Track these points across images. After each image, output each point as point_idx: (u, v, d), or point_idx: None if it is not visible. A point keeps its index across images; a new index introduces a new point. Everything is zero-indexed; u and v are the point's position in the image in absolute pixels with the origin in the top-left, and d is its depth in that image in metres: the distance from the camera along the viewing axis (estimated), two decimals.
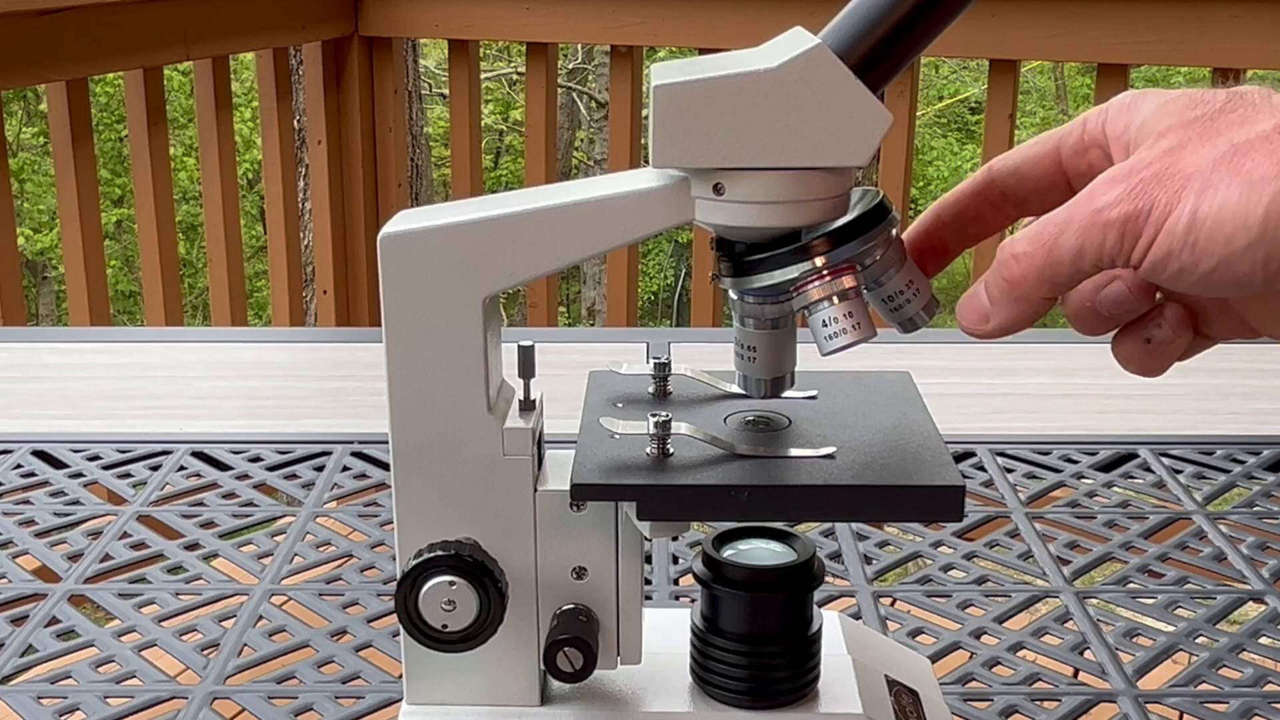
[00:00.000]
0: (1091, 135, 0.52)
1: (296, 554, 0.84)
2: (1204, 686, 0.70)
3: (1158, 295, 0.51)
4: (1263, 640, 0.74)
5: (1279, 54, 2.03)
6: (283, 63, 2.54)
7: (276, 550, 0.85)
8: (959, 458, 0.98)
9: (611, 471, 0.52)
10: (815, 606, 0.57)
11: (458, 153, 2.67)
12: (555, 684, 0.57)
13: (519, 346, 0.56)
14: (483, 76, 5.74)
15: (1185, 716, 0.68)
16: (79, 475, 0.96)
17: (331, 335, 1.69)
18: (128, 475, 0.96)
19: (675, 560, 0.84)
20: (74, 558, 0.84)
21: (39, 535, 0.87)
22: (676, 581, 0.82)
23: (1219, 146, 0.44)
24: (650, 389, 0.60)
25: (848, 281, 0.50)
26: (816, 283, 0.50)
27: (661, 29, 2.44)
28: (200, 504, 0.92)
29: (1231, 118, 0.45)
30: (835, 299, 0.50)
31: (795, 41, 0.48)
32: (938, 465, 0.52)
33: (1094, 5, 2.12)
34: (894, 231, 0.52)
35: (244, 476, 0.96)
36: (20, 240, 4.40)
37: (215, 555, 0.85)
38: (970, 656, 0.73)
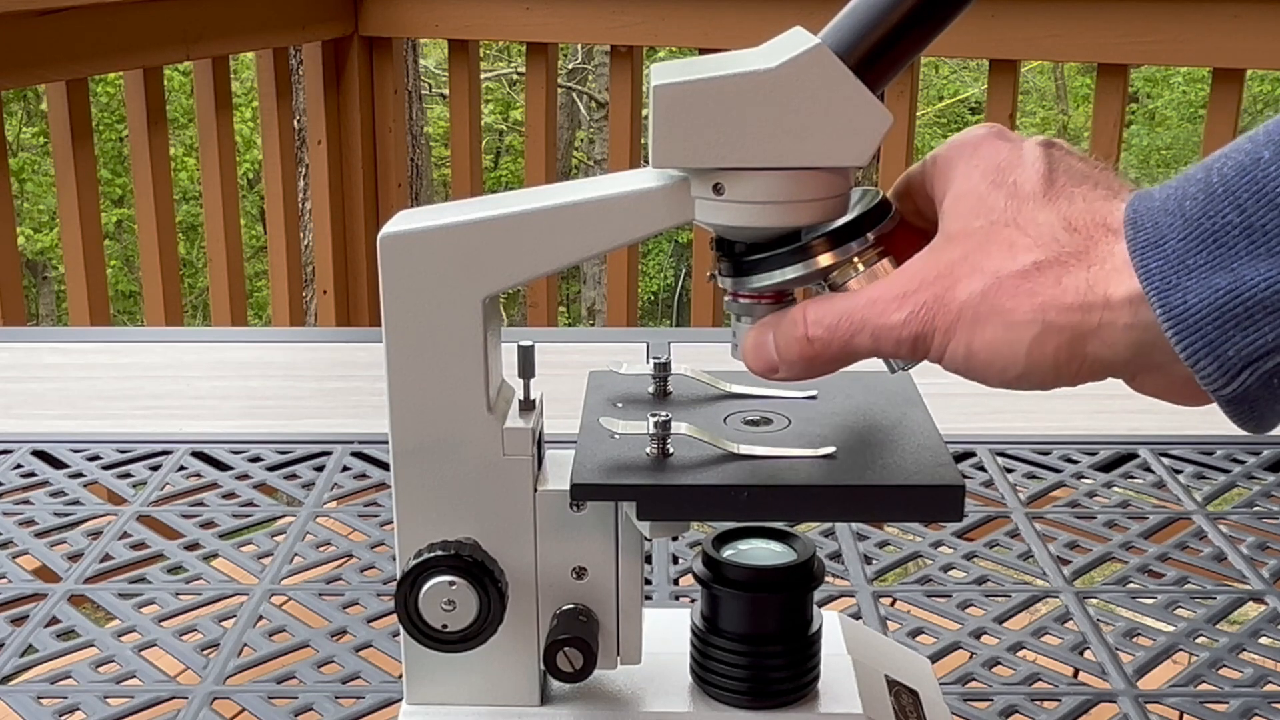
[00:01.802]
0: (916, 184, 0.53)
1: (296, 554, 0.84)
2: (1204, 686, 0.70)
3: None
4: (1263, 640, 0.74)
5: (1279, 54, 2.03)
6: (283, 63, 2.54)
7: (276, 550, 0.85)
8: (959, 458, 0.98)
9: (611, 471, 0.52)
10: (815, 606, 0.57)
11: (458, 153, 2.67)
12: (555, 684, 0.57)
13: (519, 346, 0.56)
14: (483, 76, 5.74)
15: (1185, 716, 0.68)
16: (79, 475, 0.96)
17: (331, 335, 1.69)
18: (128, 475, 0.96)
19: (675, 560, 0.84)
20: (74, 558, 0.84)
21: (39, 535, 0.87)
22: (676, 581, 0.82)
23: (985, 279, 0.46)
24: (650, 389, 0.60)
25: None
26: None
27: (661, 29, 2.43)
28: (200, 504, 0.92)
29: (1004, 235, 0.47)
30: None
31: (795, 41, 0.48)
32: (938, 465, 0.52)
33: (1094, 5, 2.12)
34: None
35: (244, 476, 0.96)
36: (20, 240, 4.40)
37: (215, 555, 0.85)
38: (970, 656, 0.73)
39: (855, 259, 0.51)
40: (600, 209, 0.51)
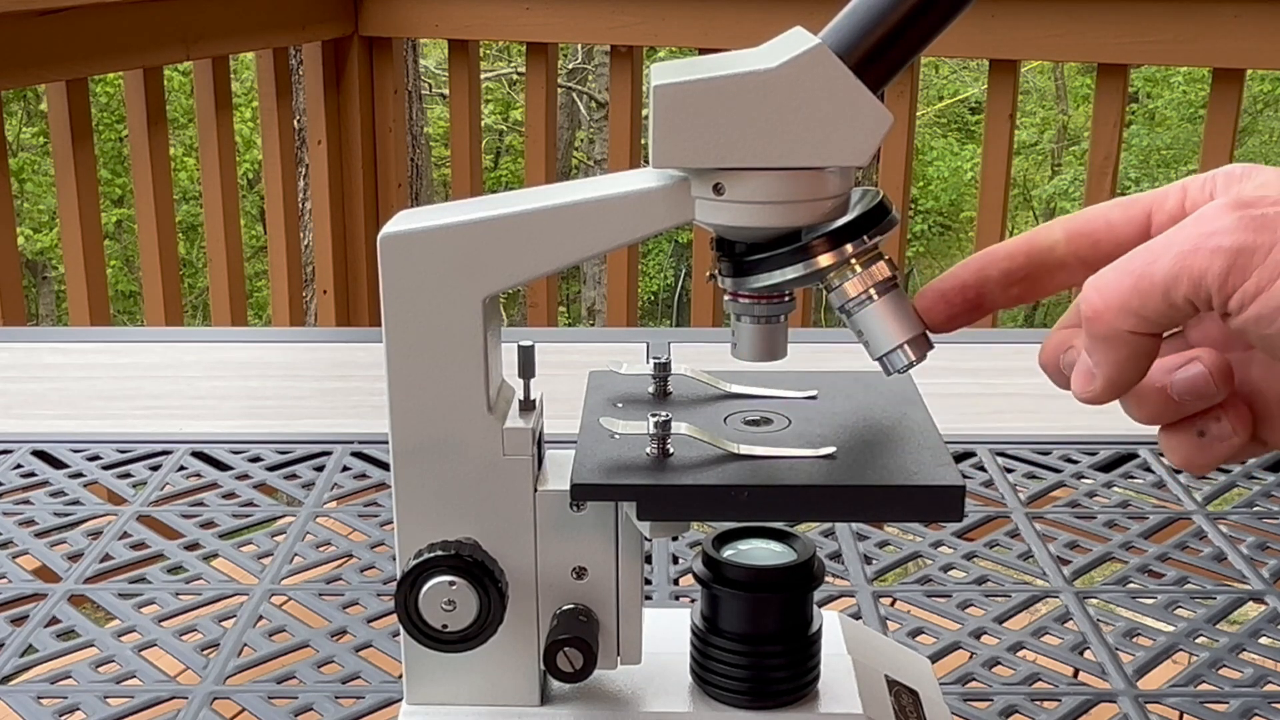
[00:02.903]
0: (1195, 203, 0.49)
1: (296, 554, 0.84)
2: (1204, 686, 0.70)
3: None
4: (1263, 640, 0.74)
5: (1279, 54, 2.03)
6: (283, 63, 2.54)
7: (276, 550, 0.85)
8: (959, 458, 0.98)
9: (611, 471, 0.52)
10: (815, 606, 0.57)
11: (458, 153, 2.67)
12: (555, 684, 0.57)
13: (519, 346, 0.56)
14: (483, 76, 5.74)
15: (1185, 716, 0.68)
16: (79, 475, 0.96)
17: (331, 335, 1.69)
18: (128, 475, 0.96)
19: (675, 560, 0.84)
20: (74, 558, 0.84)
21: (39, 535, 0.87)
22: (676, 581, 0.82)
23: None
24: (650, 389, 0.60)
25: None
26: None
27: (661, 29, 2.44)
28: (200, 504, 0.92)
29: None
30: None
31: (795, 41, 0.48)
32: (938, 465, 0.52)
33: (1094, 5, 2.12)
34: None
35: (244, 476, 0.96)
36: (20, 240, 4.40)
37: (215, 555, 0.85)
38: (970, 656, 0.73)
39: (854, 260, 0.51)
40: (600, 209, 0.51)
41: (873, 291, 0.51)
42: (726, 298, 0.53)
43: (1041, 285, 0.51)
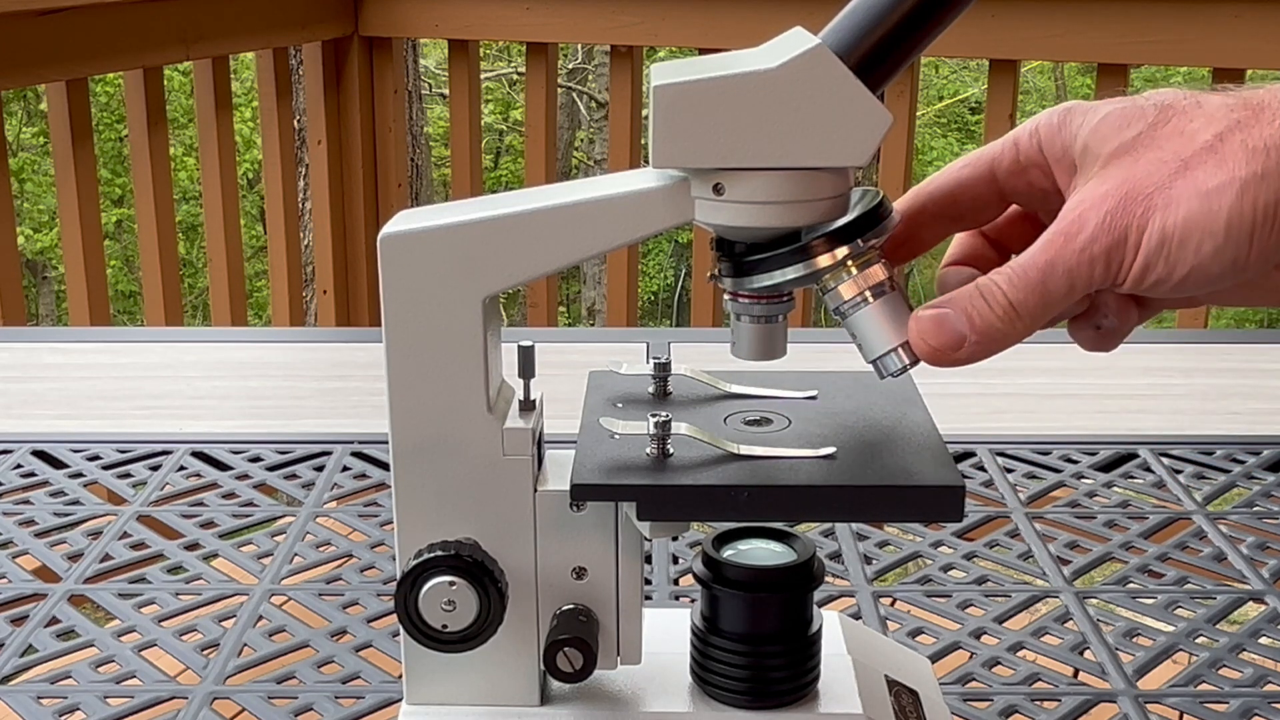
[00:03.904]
0: (1027, 155, 0.53)
1: (296, 554, 0.84)
2: (1204, 686, 0.70)
3: None
4: (1263, 640, 0.74)
5: (1279, 54, 2.03)
6: (283, 63, 2.54)
7: (276, 550, 0.85)
8: (959, 458, 0.98)
9: (611, 471, 0.52)
10: (815, 606, 0.57)
11: (458, 153, 2.67)
12: (555, 684, 0.57)
13: (519, 346, 0.56)
14: (483, 76, 5.74)
15: (1185, 716, 0.68)
16: (79, 475, 0.96)
17: (331, 335, 1.69)
18: (128, 475, 0.96)
19: (675, 560, 0.84)
20: (74, 558, 0.84)
21: (39, 535, 0.87)
22: (676, 581, 0.82)
23: (1169, 164, 0.46)
24: (650, 389, 0.60)
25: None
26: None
27: (661, 29, 2.44)
28: (200, 504, 0.92)
29: (1168, 130, 0.47)
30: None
31: (795, 41, 0.48)
32: (938, 465, 0.52)
33: (1094, 5, 2.12)
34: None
35: (244, 476, 0.96)
36: (20, 240, 4.40)
37: (215, 555, 0.85)
38: (970, 656, 0.73)
39: (850, 262, 0.51)
40: (600, 209, 0.51)
41: (868, 294, 0.51)
42: (726, 297, 0.53)
43: (922, 243, 0.57)
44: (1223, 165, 0.45)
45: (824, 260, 0.50)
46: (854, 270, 0.51)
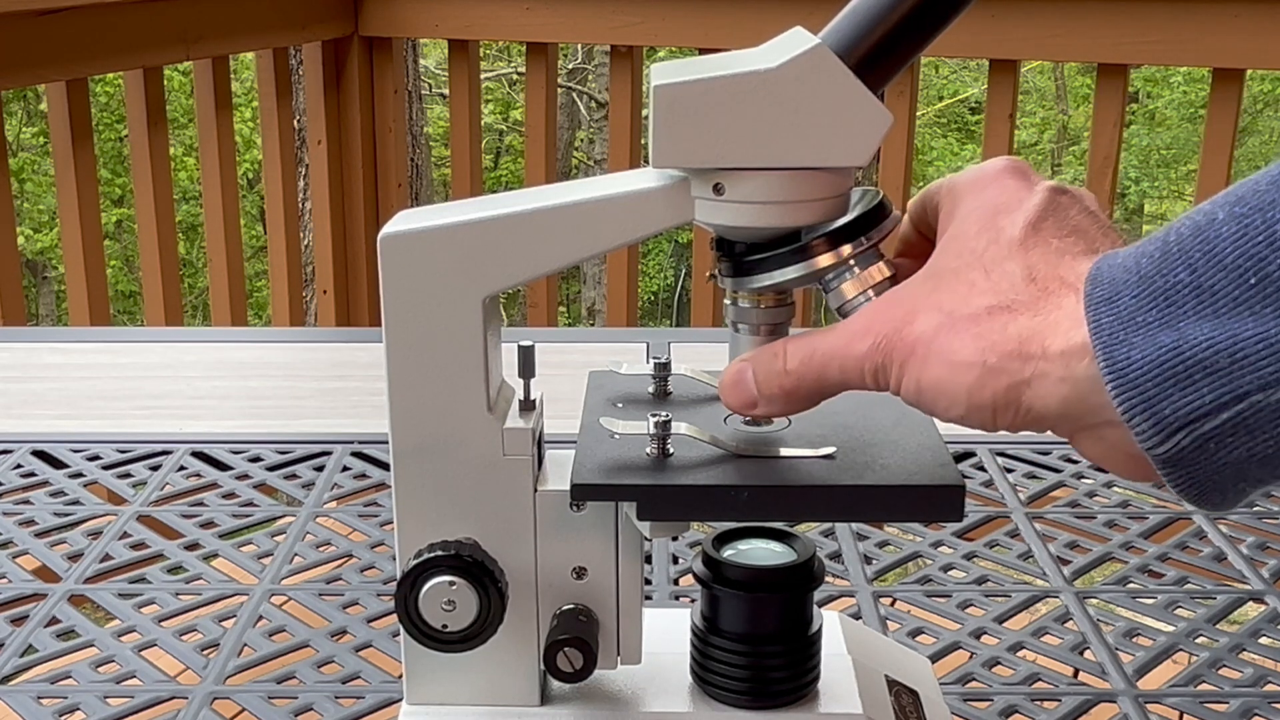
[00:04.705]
0: (934, 208, 0.54)
1: (296, 554, 0.84)
2: (1204, 686, 0.70)
3: None
4: (1263, 640, 0.74)
5: (1279, 54, 2.03)
6: (283, 63, 2.54)
7: (276, 550, 0.85)
8: (959, 458, 0.98)
9: (611, 471, 0.52)
10: (815, 606, 0.57)
11: (458, 153, 2.67)
12: (555, 684, 0.57)
13: (519, 346, 0.56)
14: (483, 76, 5.74)
15: (1185, 716, 0.68)
16: (79, 475, 0.96)
17: (331, 335, 1.69)
18: (128, 475, 0.96)
19: (675, 560, 0.84)
20: (74, 558, 0.84)
21: (39, 535, 0.87)
22: (676, 581, 0.82)
23: (939, 317, 0.47)
24: (650, 389, 0.60)
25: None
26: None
27: (661, 29, 2.44)
28: (200, 504, 0.92)
29: (968, 277, 0.47)
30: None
31: (795, 41, 0.48)
32: (938, 465, 0.52)
33: (1094, 5, 2.12)
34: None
35: (244, 476, 0.96)
36: (20, 240, 4.40)
37: (215, 555, 0.85)
38: (970, 656, 0.73)
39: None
40: (600, 209, 0.51)
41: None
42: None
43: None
44: (977, 341, 0.46)
45: (824, 259, 0.50)
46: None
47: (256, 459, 0.98)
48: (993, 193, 0.49)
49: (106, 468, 0.97)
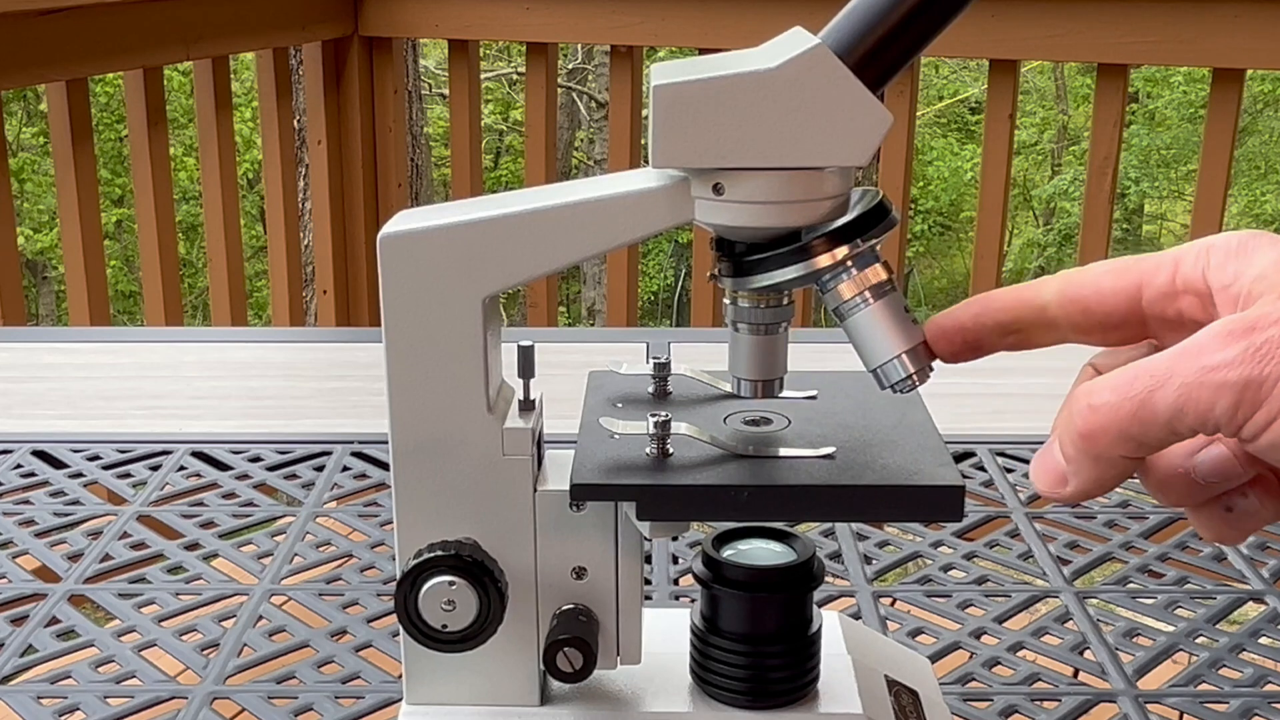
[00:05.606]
0: (1187, 280, 0.46)
1: (296, 554, 0.84)
2: (1204, 686, 0.70)
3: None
4: (1263, 640, 0.74)
5: (1279, 54, 2.03)
6: (283, 63, 2.54)
7: (276, 550, 0.85)
8: (959, 458, 0.98)
9: (611, 471, 0.52)
10: (815, 606, 0.57)
11: (458, 153, 2.68)
12: (555, 684, 0.57)
13: (519, 346, 0.56)
14: (483, 76, 5.74)
15: (1185, 716, 0.68)
16: (79, 475, 0.96)
17: (331, 335, 1.69)
18: (128, 475, 0.96)
19: (675, 560, 0.84)
20: (74, 558, 0.84)
21: (39, 535, 0.87)
22: (676, 581, 0.82)
23: None
24: (650, 389, 0.60)
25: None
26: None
27: (661, 29, 2.44)
28: (200, 504, 0.92)
29: None
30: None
31: (795, 41, 0.48)
32: (938, 465, 0.52)
33: (1094, 5, 2.12)
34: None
35: (244, 476, 0.96)
36: (20, 240, 4.40)
37: (215, 555, 0.85)
38: (970, 656, 0.73)
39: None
40: (600, 209, 0.51)
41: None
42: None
43: (1034, 340, 0.51)
44: None
45: (824, 260, 0.50)
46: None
47: (256, 459, 0.98)
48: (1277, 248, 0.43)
49: (106, 468, 0.97)
